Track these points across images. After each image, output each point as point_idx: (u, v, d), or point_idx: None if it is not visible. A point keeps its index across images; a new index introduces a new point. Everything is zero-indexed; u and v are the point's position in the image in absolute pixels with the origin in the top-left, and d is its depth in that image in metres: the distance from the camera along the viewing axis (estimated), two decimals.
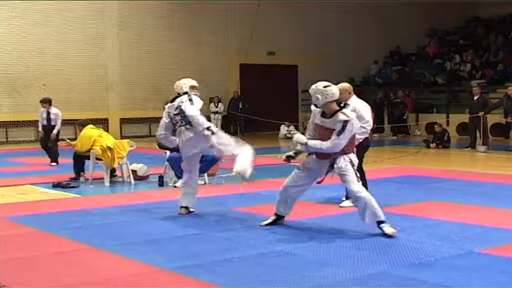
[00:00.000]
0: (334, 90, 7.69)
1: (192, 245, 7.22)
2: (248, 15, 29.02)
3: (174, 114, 9.03)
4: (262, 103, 29.04)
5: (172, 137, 9.32)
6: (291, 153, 8.07)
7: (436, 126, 20.79)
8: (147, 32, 27.23)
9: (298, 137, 7.90)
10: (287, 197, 8.14)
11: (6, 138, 23.84)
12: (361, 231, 7.75)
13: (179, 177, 11.90)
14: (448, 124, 23.25)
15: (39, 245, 7.35)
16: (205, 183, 12.16)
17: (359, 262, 6.31)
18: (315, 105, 7.77)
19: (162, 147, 12.39)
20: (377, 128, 25.90)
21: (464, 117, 21.19)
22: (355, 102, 9.38)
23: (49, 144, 15.83)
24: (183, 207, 9.13)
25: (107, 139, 12.62)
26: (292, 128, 26.48)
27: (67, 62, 25.39)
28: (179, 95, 9.14)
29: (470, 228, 7.89)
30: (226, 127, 26.23)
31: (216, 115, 27.36)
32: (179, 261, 6.41)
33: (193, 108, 8.93)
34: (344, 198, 9.66)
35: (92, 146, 12.53)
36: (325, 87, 7.65)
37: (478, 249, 6.79)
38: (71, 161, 13.23)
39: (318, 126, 7.82)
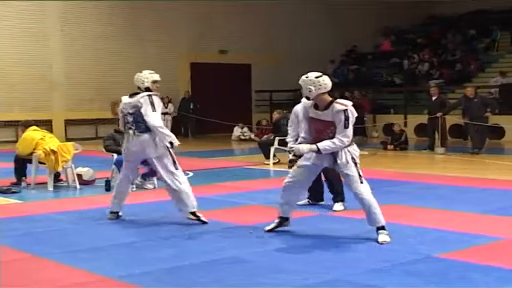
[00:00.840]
0: (327, 80, 7.58)
1: (140, 252, 7.19)
2: (197, 12, 29.04)
3: (129, 113, 8.80)
4: (215, 103, 29.04)
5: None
6: (291, 156, 7.97)
7: (395, 126, 21.02)
8: (90, 29, 26.99)
9: (303, 147, 7.58)
10: (290, 197, 8.01)
11: None
12: (319, 234, 7.81)
13: None
14: (406, 125, 23.54)
15: None
16: (154, 188, 12.13)
17: (314, 268, 6.35)
18: (307, 98, 7.58)
19: (109, 150, 12.31)
20: None
21: (423, 118, 21.49)
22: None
23: None
24: (113, 212, 9.06)
25: (51, 141, 12.48)
26: (246, 129, 26.53)
27: (6, 60, 25.02)
28: (139, 90, 8.86)
29: (428, 232, 8.00)
30: (176, 129, 26.14)
31: (166, 116, 27.23)
32: (127, 270, 6.37)
33: (155, 117, 8.63)
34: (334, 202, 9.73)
35: (34, 148, 12.37)
36: (317, 77, 7.49)
37: (435, 253, 6.88)
38: (11, 164, 13.05)
39: (312, 120, 7.65)
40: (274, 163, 16.26)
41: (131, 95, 8.89)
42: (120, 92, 9.20)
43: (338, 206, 9.67)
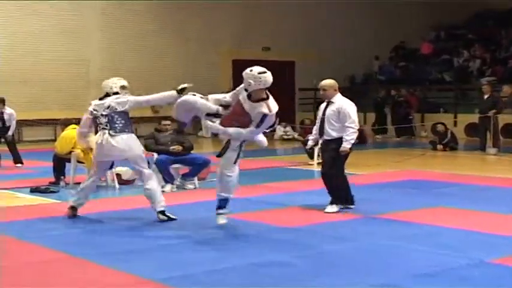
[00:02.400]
0: (268, 79, 8.24)
1: (180, 254, 7.21)
2: (240, 9, 29.08)
3: (102, 115, 9.14)
4: None
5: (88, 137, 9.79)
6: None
7: (438, 126, 20.74)
8: (131, 27, 27.19)
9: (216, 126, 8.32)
10: None
11: None
12: (356, 238, 7.76)
13: (167, 181, 11.92)
14: (455, 125, 23.29)
15: (15, 254, 7.31)
16: (195, 188, 12.15)
17: (359, 272, 6.31)
18: (245, 90, 8.22)
19: (149, 149, 12.37)
20: (379, 129, 25.95)
21: (474, 118, 21.20)
22: (339, 100, 9.54)
23: (7, 144, 16.17)
24: (73, 207, 9.37)
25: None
26: (289, 128, 26.48)
27: (44, 58, 25.32)
28: (107, 95, 9.28)
29: (479, 236, 7.89)
30: None
31: None
32: (167, 272, 6.39)
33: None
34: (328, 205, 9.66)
35: (73, 148, 12.48)
36: (259, 73, 8.14)
37: (488, 259, 6.77)
38: (50, 164, 13.19)
39: (238, 104, 8.27)
40: (318, 163, 16.18)
41: (101, 98, 9.31)
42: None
43: (331, 208, 9.54)
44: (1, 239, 8.08)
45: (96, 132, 9.33)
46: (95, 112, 9.21)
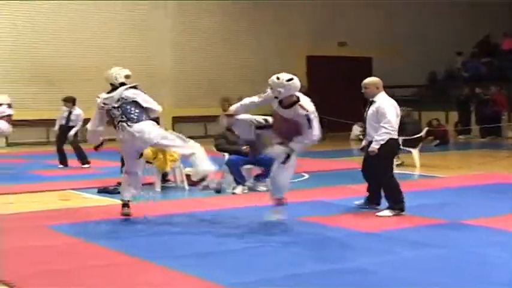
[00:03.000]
0: (297, 84, 8.65)
1: (253, 258, 7.19)
2: (315, 3, 29.00)
3: (114, 107, 9.24)
4: (332, 100, 28.88)
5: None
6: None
7: None
8: (202, 24, 27.38)
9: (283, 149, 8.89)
10: None
11: (48, 137, 24.09)
12: (439, 245, 7.63)
13: (239, 182, 11.93)
14: None
15: (81, 256, 7.40)
16: (268, 190, 12.10)
17: (445, 280, 6.19)
18: (275, 97, 8.60)
19: (220, 149, 12.41)
20: (463, 129, 25.51)
21: None
22: (381, 99, 9.64)
23: (70, 144, 16.38)
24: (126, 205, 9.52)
25: None
26: None
27: (113, 55, 25.69)
28: (114, 87, 9.42)
29: None
30: None
31: None
32: (240, 277, 6.38)
33: (155, 102, 9.54)
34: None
35: None
36: (288, 80, 8.52)
37: None
38: (117, 163, 13.36)
39: (276, 114, 8.82)
40: (397, 165, 15.98)
41: (109, 92, 9.45)
42: (234, 87, 9.42)
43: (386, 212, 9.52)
44: (68, 240, 8.21)
45: (114, 127, 9.40)
46: (106, 106, 9.34)
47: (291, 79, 8.54)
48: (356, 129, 26.21)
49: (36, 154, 18.69)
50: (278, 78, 8.52)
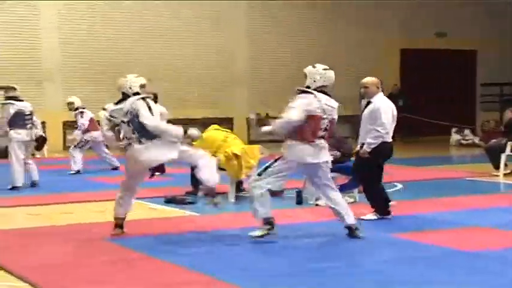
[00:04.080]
0: (332, 75, 9.04)
1: (334, 279, 7.18)
2: None
3: (123, 122, 9.18)
4: (429, 99, 28.62)
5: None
6: None
7: None
8: (280, 13, 27.40)
9: None
10: None
11: None
12: None
13: None
14: None
15: (149, 274, 7.49)
16: (355, 201, 12.03)
17: None
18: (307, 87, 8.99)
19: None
20: None
21: None
22: (379, 100, 10.16)
23: None
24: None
25: (234, 144, 12.74)
26: (467, 132, 25.95)
27: (180, 50, 25.94)
28: (125, 96, 9.31)
29: None
30: None
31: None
32: None
33: (153, 118, 9.15)
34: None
35: (214, 152, 12.66)
36: (324, 69, 9.00)
37: None
38: (187, 170, 13.46)
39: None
40: (505, 174, 15.78)
41: (118, 102, 9.33)
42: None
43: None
44: (135, 255, 8.33)
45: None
46: (113, 119, 9.38)
47: (327, 68, 9.07)
48: (456, 134, 25.92)
49: (97, 159, 18.94)
50: (314, 67, 9.06)
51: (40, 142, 15.30)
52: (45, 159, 20.20)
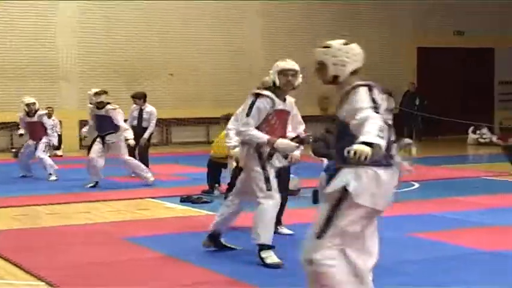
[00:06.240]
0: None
1: None
2: None
3: None
4: (446, 98, 28.53)
5: None
6: None
7: None
8: (296, 13, 27.33)
9: None
10: None
11: None
12: None
13: None
14: None
15: (164, 274, 7.53)
16: None
17: None
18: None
19: (318, 154, 12.35)
20: None
21: None
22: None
23: (139, 150, 15.76)
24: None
25: None
26: (485, 131, 25.86)
27: (196, 47, 25.92)
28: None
29: None
30: (398, 129, 25.88)
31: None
32: None
33: None
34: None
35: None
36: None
37: None
38: (203, 169, 13.48)
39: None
40: None
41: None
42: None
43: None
44: (150, 255, 8.34)
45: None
46: None
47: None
48: (472, 132, 25.84)
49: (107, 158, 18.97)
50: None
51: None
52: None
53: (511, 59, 29.75)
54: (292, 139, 8.16)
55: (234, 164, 9.59)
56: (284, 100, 8.08)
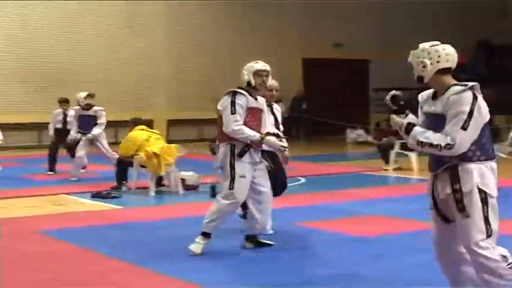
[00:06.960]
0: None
1: (253, 264, 7.22)
2: (308, 2, 28.85)
3: None
4: (329, 104, 28.92)
5: None
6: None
7: None
8: (196, 22, 27.27)
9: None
10: None
11: (39, 141, 23.86)
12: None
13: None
14: None
15: (75, 263, 7.42)
16: None
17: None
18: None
19: (215, 153, 12.38)
20: None
21: None
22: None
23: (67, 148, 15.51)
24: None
25: (155, 143, 12.64)
26: (361, 131, 26.28)
27: (105, 56, 25.61)
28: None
29: None
30: (287, 130, 26.02)
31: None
32: (242, 279, 6.46)
33: None
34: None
35: (137, 150, 12.59)
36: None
37: None
38: (112, 168, 13.36)
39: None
40: (394, 169, 16.03)
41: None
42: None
43: None
44: (63, 246, 8.22)
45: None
46: None
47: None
48: (352, 133, 26.26)
49: (26, 158, 18.63)
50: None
51: None
52: None
53: (385, 69, 30.34)
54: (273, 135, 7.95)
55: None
56: (256, 99, 7.89)
